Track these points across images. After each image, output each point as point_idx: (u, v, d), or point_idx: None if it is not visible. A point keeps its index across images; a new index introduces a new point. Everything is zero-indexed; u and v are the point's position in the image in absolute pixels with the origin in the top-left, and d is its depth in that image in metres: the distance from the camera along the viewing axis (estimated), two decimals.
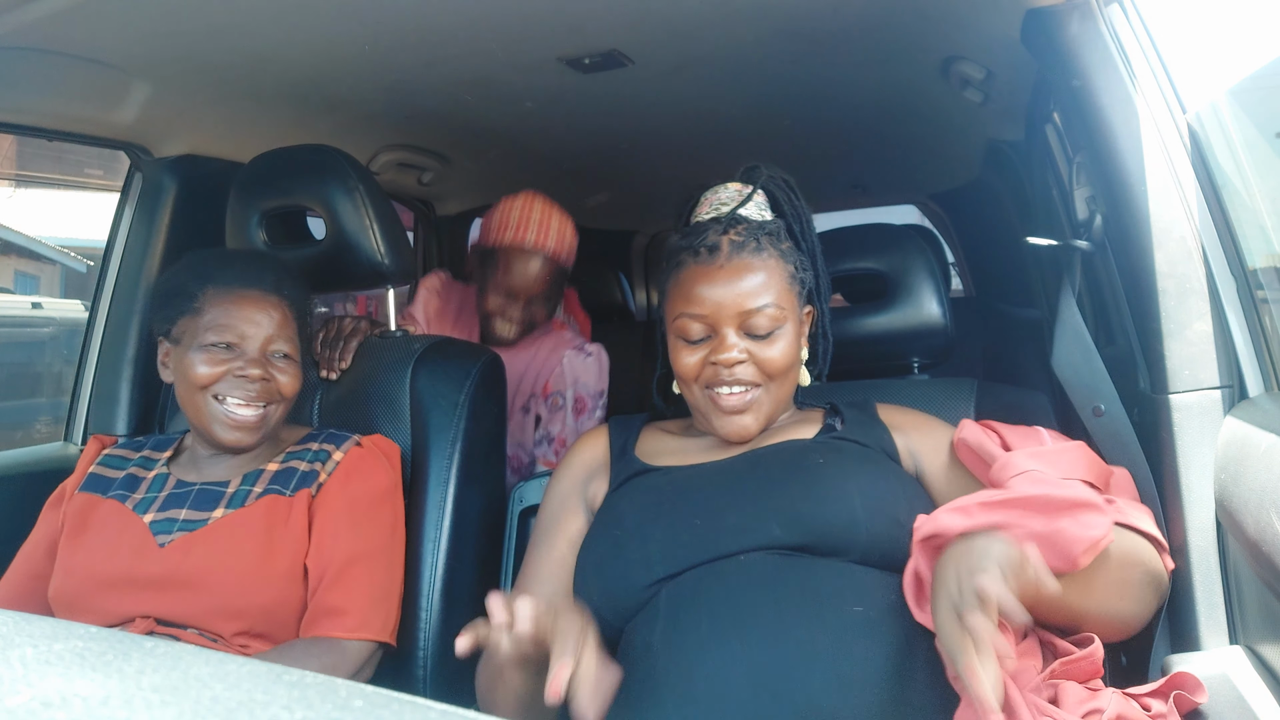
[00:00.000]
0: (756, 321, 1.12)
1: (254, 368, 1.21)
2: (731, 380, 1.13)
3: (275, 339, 1.24)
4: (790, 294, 1.15)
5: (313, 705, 0.33)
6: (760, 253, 1.15)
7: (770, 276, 1.14)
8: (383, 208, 1.47)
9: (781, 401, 1.18)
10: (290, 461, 1.27)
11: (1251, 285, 1.08)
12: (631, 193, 3.06)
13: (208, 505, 1.22)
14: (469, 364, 1.44)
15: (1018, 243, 1.96)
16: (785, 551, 1.00)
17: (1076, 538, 0.87)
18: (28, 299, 6.83)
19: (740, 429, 1.14)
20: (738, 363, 1.12)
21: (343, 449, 1.29)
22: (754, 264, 1.14)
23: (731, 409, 1.14)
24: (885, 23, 1.52)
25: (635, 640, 1.00)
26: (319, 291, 1.63)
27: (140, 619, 1.16)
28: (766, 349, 1.13)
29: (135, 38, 1.40)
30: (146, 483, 1.27)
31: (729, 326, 1.12)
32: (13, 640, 0.38)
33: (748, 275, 1.13)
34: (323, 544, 1.20)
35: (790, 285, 1.16)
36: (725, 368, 1.12)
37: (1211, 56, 1.31)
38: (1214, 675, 0.94)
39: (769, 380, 1.14)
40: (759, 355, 1.13)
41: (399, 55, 1.58)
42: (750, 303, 1.12)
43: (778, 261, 1.15)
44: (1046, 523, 0.89)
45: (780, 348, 1.13)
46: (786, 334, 1.14)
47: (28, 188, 10.42)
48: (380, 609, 1.21)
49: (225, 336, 1.21)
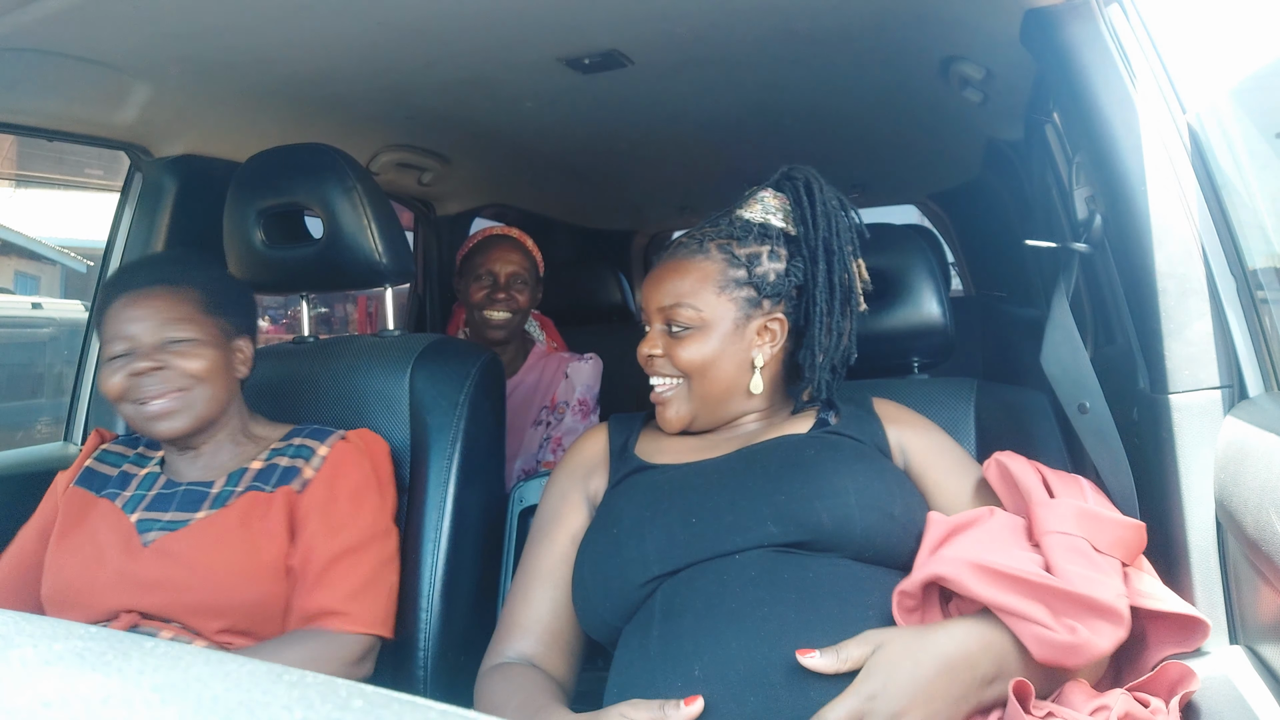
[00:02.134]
0: (674, 318, 1.17)
1: (142, 361, 1.19)
2: (653, 371, 1.20)
3: (165, 327, 1.21)
4: (720, 298, 1.16)
5: (313, 705, 0.33)
6: (696, 254, 1.18)
7: (697, 278, 1.17)
8: (381, 207, 1.47)
9: (712, 401, 1.18)
10: (273, 459, 1.27)
11: (1251, 285, 1.08)
12: (631, 193, 3.06)
13: (192, 506, 1.22)
14: (469, 363, 1.44)
15: (1017, 242, 1.96)
16: (781, 549, 1.00)
17: (1080, 648, 0.86)
18: (28, 299, 6.83)
19: (662, 419, 1.20)
20: (651, 355, 1.19)
21: (328, 444, 1.29)
22: (684, 265, 1.18)
23: (655, 399, 1.21)
24: (885, 23, 1.52)
25: (631, 641, 1.00)
26: (317, 291, 1.64)
27: (124, 614, 1.16)
28: (676, 346, 1.17)
29: (135, 38, 1.40)
30: (137, 480, 1.28)
31: (655, 321, 1.20)
32: (13, 640, 0.38)
33: (673, 275, 1.18)
34: (309, 541, 1.20)
35: (722, 289, 1.16)
36: (648, 359, 1.19)
37: (1211, 56, 1.31)
38: (1214, 675, 0.94)
39: (686, 376, 1.17)
40: (672, 351, 1.17)
41: (399, 55, 1.58)
42: (665, 300, 1.18)
43: (714, 264, 1.17)
44: (1057, 622, 0.87)
45: (691, 348, 1.16)
46: (703, 335, 1.16)
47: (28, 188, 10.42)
48: (367, 602, 1.20)
49: (116, 347, 1.21)
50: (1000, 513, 1.01)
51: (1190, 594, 1.03)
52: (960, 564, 0.90)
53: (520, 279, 2.11)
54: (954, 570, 0.90)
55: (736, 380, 1.18)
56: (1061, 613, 0.87)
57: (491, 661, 1.11)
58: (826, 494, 1.03)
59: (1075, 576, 0.89)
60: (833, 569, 0.98)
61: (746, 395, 1.19)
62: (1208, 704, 0.92)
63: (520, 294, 2.11)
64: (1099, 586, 0.89)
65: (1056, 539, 0.94)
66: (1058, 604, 0.87)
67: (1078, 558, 0.92)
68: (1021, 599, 0.87)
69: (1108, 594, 0.88)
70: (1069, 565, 0.90)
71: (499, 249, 2.12)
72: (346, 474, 1.26)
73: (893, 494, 1.06)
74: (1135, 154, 1.08)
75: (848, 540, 1.00)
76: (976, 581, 0.88)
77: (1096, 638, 0.86)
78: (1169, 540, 1.06)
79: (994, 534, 0.97)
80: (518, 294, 2.10)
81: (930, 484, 1.13)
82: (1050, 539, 0.94)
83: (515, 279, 2.10)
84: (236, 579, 1.16)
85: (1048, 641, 0.86)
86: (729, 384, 1.18)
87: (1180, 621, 0.95)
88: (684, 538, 1.03)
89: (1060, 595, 0.87)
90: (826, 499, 1.02)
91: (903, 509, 1.05)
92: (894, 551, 1.02)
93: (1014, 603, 0.87)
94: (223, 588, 1.16)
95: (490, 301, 2.08)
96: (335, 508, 1.23)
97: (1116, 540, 0.96)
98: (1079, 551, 0.93)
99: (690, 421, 1.19)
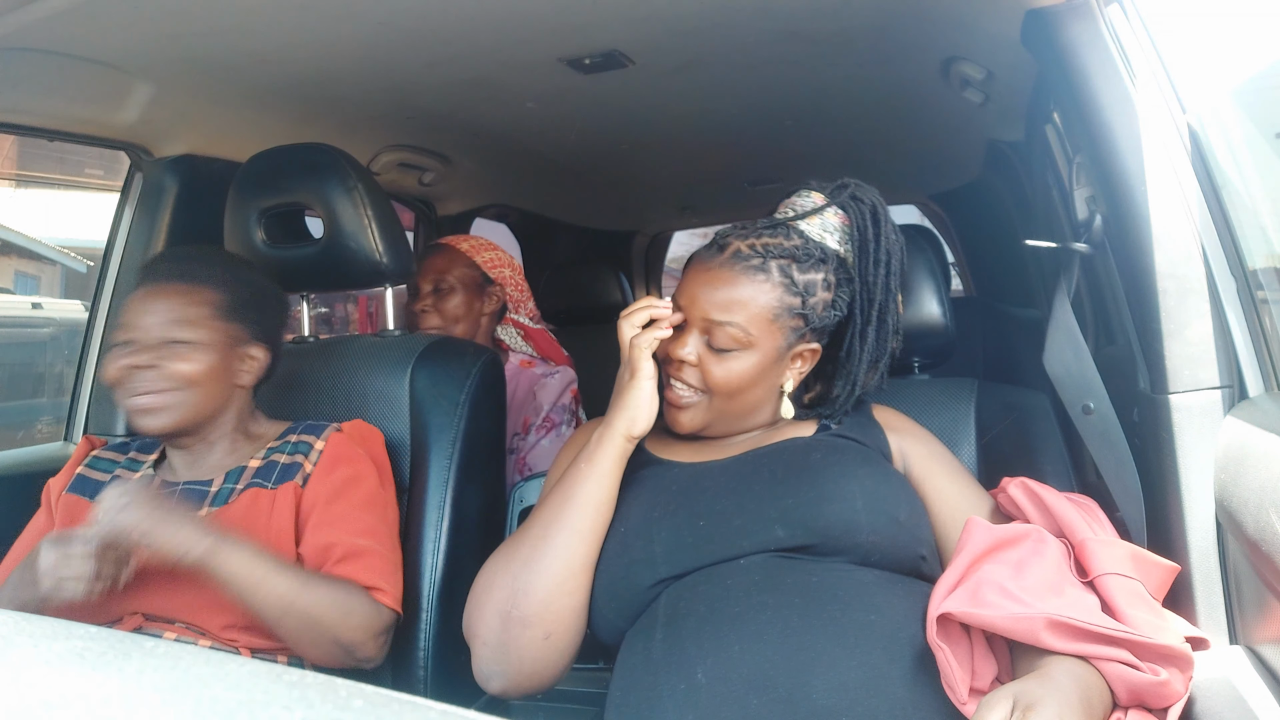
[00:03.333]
0: (717, 334, 1.10)
1: (139, 355, 1.20)
2: (677, 377, 1.14)
3: (170, 326, 1.22)
4: (772, 326, 1.11)
5: (313, 705, 0.33)
6: (758, 274, 1.11)
7: (754, 300, 1.10)
8: (381, 207, 1.47)
9: (730, 416, 1.16)
10: (271, 456, 1.28)
11: (1251, 285, 1.08)
12: (631, 193, 3.06)
13: (191, 506, 1.22)
14: (469, 363, 1.44)
15: (1018, 243, 1.96)
16: (785, 553, 1.00)
17: (1164, 688, 0.86)
18: (28, 299, 6.83)
19: (675, 422, 1.16)
20: (685, 363, 1.12)
21: (323, 437, 1.29)
22: (743, 280, 1.10)
23: (672, 402, 1.15)
24: (886, 23, 1.52)
25: (635, 644, 1.00)
26: (318, 291, 1.64)
27: (129, 616, 1.16)
28: (714, 363, 1.11)
29: (136, 38, 1.41)
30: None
31: (694, 326, 1.12)
32: (13, 640, 0.38)
33: (729, 288, 1.10)
34: (319, 530, 1.20)
35: (775, 318, 1.11)
36: (674, 362, 1.13)
37: (1211, 57, 1.31)
38: (1214, 675, 0.94)
39: (710, 393, 1.13)
40: (706, 365, 1.11)
41: (400, 56, 1.58)
42: (716, 314, 1.10)
43: (773, 289, 1.11)
44: (1144, 665, 0.87)
45: (729, 368, 1.11)
46: (744, 359, 1.11)
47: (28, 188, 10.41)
48: (393, 580, 1.22)
49: (123, 333, 1.22)
50: (1048, 536, 0.99)
51: (1190, 594, 1.03)
52: (1036, 622, 0.86)
53: (446, 284, 2.01)
54: (1028, 628, 0.86)
55: (762, 402, 1.16)
56: (1143, 657, 0.87)
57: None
58: (833, 498, 1.02)
59: (1144, 625, 0.88)
60: (836, 573, 0.98)
61: (769, 413, 1.18)
62: (1208, 704, 0.92)
63: (447, 301, 2.00)
64: (1168, 634, 0.89)
65: (1116, 581, 0.92)
66: (1138, 652, 0.87)
67: (1139, 602, 0.91)
68: (1104, 647, 0.86)
69: (1176, 640, 0.89)
70: (1134, 611, 0.90)
71: (426, 259, 2.05)
72: (348, 463, 1.27)
73: (898, 498, 1.06)
74: (1135, 154, 1.08)
75: (853, 544, 1.00)
76: (1054, 638, 0.86)
77: (1174, 681, 0.87)
78: (1169, 540, 1.06)
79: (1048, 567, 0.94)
80: (444, 301, 2.00)
81: (930, 490, 1.13)
82: (1110, 580, 0.93)
83: (442, 284, 2.01)
84: None
85: (1136, 683, 0.85)
86: (754, 405, 1.16)
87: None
88: (692, 540, 1.02)
89: (1138, 646, 0.87)
90: (834, 503, 1.02)
91: (908, 514, 1.05)
92: (898, 556, 1.02)
93: (1099, 650, 0.86)
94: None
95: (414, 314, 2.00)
96: (339, 497, 1.23)
97: (1161, 584, 0.97)
98: (1139, 596, 0.92)
99: (702, 430, 1.17)
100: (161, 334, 1.21)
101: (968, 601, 0.88)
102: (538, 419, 1.94)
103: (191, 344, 1.22)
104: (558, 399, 1.97)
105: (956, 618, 0.88)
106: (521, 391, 1.99)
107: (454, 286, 2.01)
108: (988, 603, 0.87)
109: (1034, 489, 1.05)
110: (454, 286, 2.01)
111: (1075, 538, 0.98)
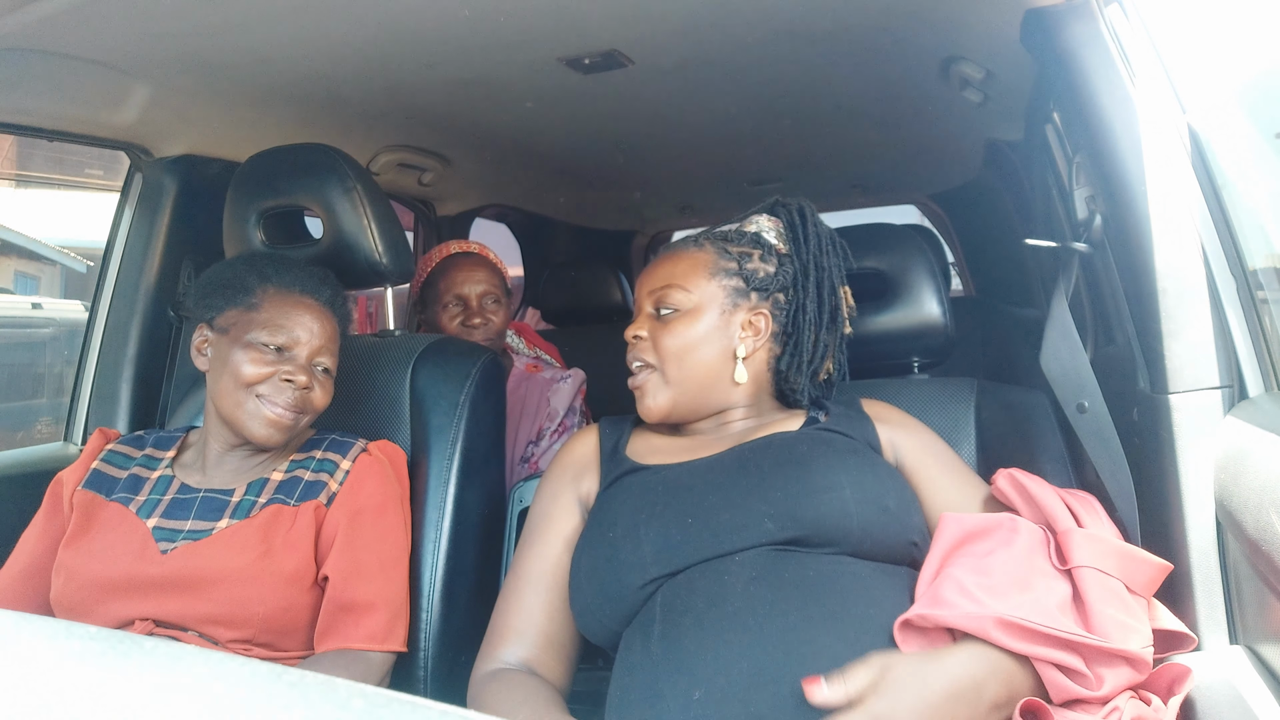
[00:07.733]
0: (661, 300, 1.19)
1: (301, 374, 1.22)
2: (633, 355, 1.20)
3: (322, 351, 1.26)
4: (710, 282, 1.19)
5: (313, 705, 0.33)
6: (689, 247, 1.23)
7: (692, 265, 1.20)
8: (381, 207, 1.47)
9: (691, 388, 1.18)
10: (295, 471, 1.27)
11: (1251, 285, 1.08)
12: (631, 193, 3.06)
13: (212, 515, 1.21)
14: (469, 363, 1.44)
15: (1017, 242, 1.96)
16: (779, 547, 1.00)
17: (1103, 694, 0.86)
18: (28, 299, 6.82)
19: (642, 408, 1.20)
20: (636, 336, 1.20)
21: (350, 457, 1.29)
22: (678, 254, 1.22)
23: (633, 387, 1.21)
24: (885, 23, 1.52)
25: (633, 644, 1.00)
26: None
27: (140, 621, 1.15)
28: (661, 329, 1.18)
29: (135, 38, 1.40)
30: (150, 484, 1.26)
31: (645, 305, 1.22)
32: (13, 640, 0.38)
33: (666, 262, 1.22)
34: (343, 556, 1.20)
35: (713, 275, 1.19)
36: (630, 341, 1.21)
37: (1212, 57, 1.31)
38: (1214, 675, 0.94)
39: (662, 362, 1.17)
40: (655, 335, 1.18)
41: (399, 56, 1.58)
42: (656, 283, 1.20)
43: (706, 255, 1.21)
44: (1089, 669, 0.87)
45: (674, 329, 1.17)
46: (688, 320, 1.18)
47: (28, 188, 10.41)
48: (401, 619, 1.23)
49: (278, 339, 1.22)
50: (1021, 523, 0.99)
51: (1190, 593, 1.03)
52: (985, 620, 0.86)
53: (492, 298, 1.97)
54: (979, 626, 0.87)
55: (717, 369, 1.18)
56: (1094, 662, 0.87)
57: (486, 667, 1.09)
58: (822, 489, 1.03)
59: (1110, 624, 0.88)
60: (833, 566, 0.98)
61: (730, 386, 1.19)
62: (1208, 704, 0.92)
63: (494, 314, 1.97)
64: (1133, 637, 0.89)
65: (1092, 575, 0.92)
66: (1090, 654, 0.87)
67: (1113, 600, 0.91)
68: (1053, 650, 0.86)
69: (1139, 644, 0.89)
70: (1105, 609, 0.89)
71: (463, 270, 1.97)
72: (376, 488, 1.27)
73: (886, 487, 1.06)
74: (1135, 154, 1.08)
75: (845, 535, 1.00)
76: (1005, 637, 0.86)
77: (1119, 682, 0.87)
78: (1169, 540, 1.06)
79: (1016, 558, 0.94)
80: (492, 314, 1.96)
81: (923, 480, 1.13)
82: (1086, 574, 0.92)
83: (487, 299, 1.97)
84: (257, 591, 1.16)
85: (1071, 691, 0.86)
86: (709, 372, 1.18)
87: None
88: (681, 539, 1.02)
89: (1093, 650, 0.87)
90: (822, 494, 1.02)
91: (897, 502, 1.05)
92: (890, 545, 1.02)
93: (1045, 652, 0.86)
94: (242, 599, 1.15)
95: (466, 329, 1.93)
96: (364, 524, 1.23)
97: (1149, 582, 0.96)
98: (1115, 594, 0.92)
99: (670, 410, 1.18)
100: (314, 357, 1.26)
101: (928, 601, 0.91)
102: (553, 424, 1.93)
103: (330, 375, 1.29)
104: (571, 401, 1.96)
105: (915, 622, 0.90)
106: (534, 399, 1.96)
107: (499, 297, 2.00)
108: (945, 601, 0.89)
109: (1020, 480, 1.06)
110: (499, 297, 2.00)
111: (1058, 527, 0.98)
